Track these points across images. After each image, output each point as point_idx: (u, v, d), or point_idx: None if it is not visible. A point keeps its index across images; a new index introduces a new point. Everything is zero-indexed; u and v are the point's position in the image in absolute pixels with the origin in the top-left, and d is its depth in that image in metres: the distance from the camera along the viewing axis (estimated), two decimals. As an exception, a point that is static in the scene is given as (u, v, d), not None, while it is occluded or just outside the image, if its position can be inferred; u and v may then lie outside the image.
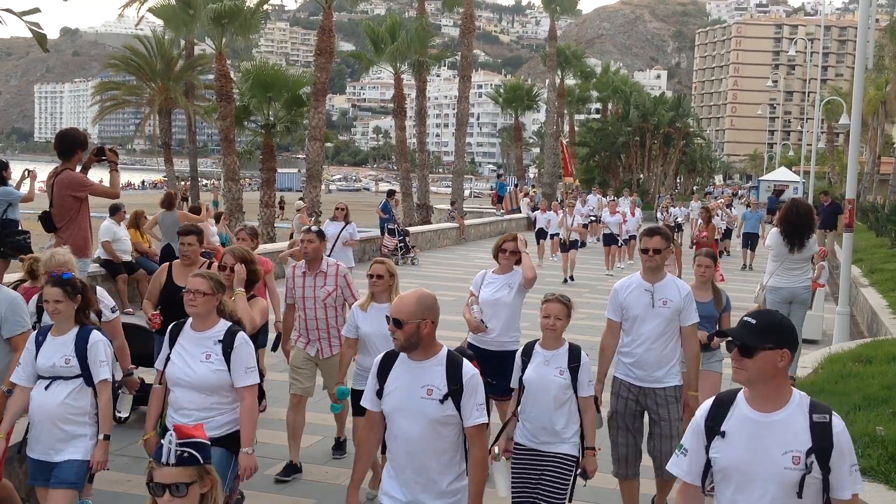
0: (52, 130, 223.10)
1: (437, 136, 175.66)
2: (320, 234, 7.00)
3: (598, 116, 63.65)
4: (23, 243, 9.73)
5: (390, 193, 26.18)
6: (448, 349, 4.01)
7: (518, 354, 5.18)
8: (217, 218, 16.37)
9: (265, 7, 28.94)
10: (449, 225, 28.86)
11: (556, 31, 48.24)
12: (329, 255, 7.93)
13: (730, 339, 3.14)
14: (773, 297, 8.81)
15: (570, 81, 54.98)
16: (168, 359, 4.76)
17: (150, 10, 34.92)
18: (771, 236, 9.07)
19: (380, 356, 4.09)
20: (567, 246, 19.59)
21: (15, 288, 8.58)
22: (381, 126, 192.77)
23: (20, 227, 10.17)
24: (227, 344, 4.67)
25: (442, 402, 3.84)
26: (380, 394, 3.98)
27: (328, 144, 44.90)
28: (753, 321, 3.12)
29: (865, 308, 13.96)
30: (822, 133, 62.25)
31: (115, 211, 13.56)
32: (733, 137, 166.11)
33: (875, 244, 22.80)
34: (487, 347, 6.52)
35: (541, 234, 21.91)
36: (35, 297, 5.80)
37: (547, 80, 48.89)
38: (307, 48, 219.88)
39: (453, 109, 53.15)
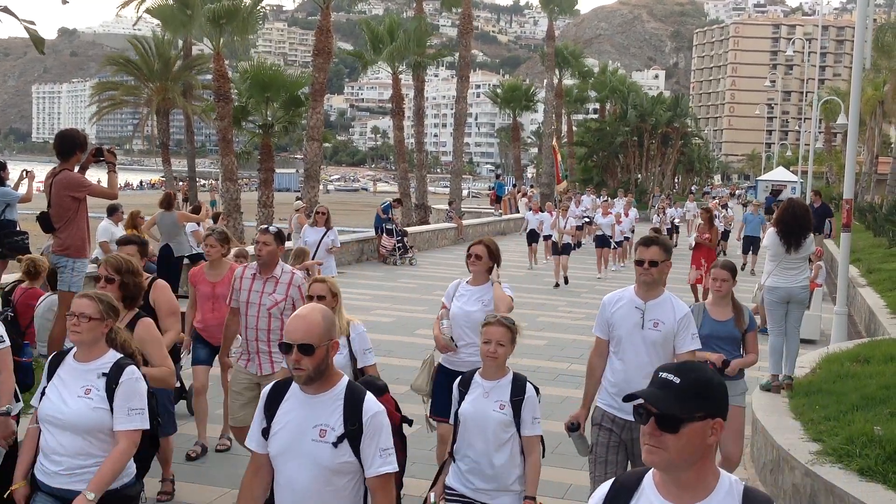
0: (49, 131, 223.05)
1: (436, 136, 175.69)
2: (279, 237, 6.34)
3: (595, 116, 63.59)
4: (21, 244, 9.76)
5: (397, 201, 26.00)
6: (348, 379, 3.30)
7: (455, 385, 4.46)
8: (215, 218, 16.40)
9: (263, 7, 28.95)
10: (447, 225, 28.83)
11: (553, 31, 48.20)
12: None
13: (641, 405, 2.28)
14: (770, 296, 8.82)
15: (568, 81, 54.96)
16: (44, 393, 3.95)
17: (147, 10, 34.92)
18: (768, 236, 9.09)
19: (268, 387, 3.38)
20: (559, 249, 18.76)
21: (13, 289, 8.64)
22: (379, 126, 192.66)
23: (18, 228, 10.20)
24: (113, 379, 3.86)
25: (336, 445, 3.13)
26: (266, 433, 3.27)
27: (326, 144, 44.79)
28: (677, 380, 2.24)
29: (863, 308, 13.97)
30: (819, 133, 62.40)
31: (112, 211, 13.56)
32: (731, 137, 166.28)
33: (873, 244, 22.81)
34: (457, 369, 5.83)
35: (532, 236, 21.66)
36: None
37: (545, 80, 48.86)
38: (305, 48, 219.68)
39: (451, 109, 53.01)
